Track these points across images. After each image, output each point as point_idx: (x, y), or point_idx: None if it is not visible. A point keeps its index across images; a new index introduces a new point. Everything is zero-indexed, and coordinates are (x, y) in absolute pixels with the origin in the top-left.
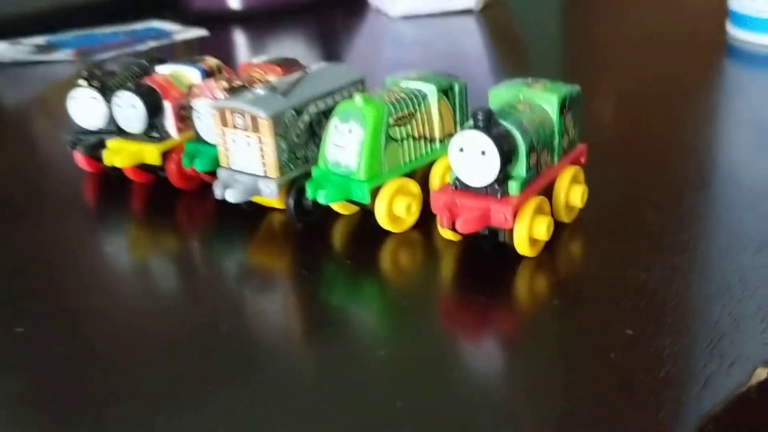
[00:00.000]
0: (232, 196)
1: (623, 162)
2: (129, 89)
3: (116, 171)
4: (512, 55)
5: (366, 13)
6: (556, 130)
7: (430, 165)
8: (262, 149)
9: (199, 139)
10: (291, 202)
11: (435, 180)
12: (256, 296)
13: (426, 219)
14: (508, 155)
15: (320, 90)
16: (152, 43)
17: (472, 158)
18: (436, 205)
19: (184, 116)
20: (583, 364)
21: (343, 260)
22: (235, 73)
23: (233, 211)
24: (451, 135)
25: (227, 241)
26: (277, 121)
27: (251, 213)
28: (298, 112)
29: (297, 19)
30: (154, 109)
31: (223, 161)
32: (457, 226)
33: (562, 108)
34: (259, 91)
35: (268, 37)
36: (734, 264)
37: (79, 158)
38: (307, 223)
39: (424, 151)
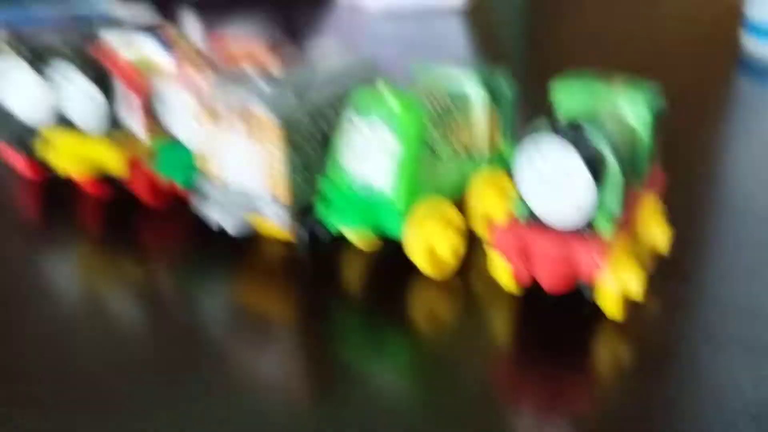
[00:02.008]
0: (227, 224)
1: None
2: (77, 66)
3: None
4: (501, 60)
5: (334, 7)
6: (647, 152)
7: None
8: (269, 161)
9: (169, 138)
10: (305, 234)
11: (476, 209)
12: (247, 348)
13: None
14: (600, 181)
15: (341, 89)
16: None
17: (551, 182)
18: (505, 248)
19: (153, 110)
20: None
21: (360, 306)
22: (205, 50)
23: (214, 235)
24: (498, 152)
25: (207, 274)
26: (293, 128)
27: (233, 238)
28: (315, 117)
29: (255, 9)
30: (110, 97)
31: (207, 170)
32: (543, 283)
33: (654, 123)
34: (262, 84)
35: (225, 27)
36: None
37: (21, 161)
38: (311, 253)
39: (467, 171)
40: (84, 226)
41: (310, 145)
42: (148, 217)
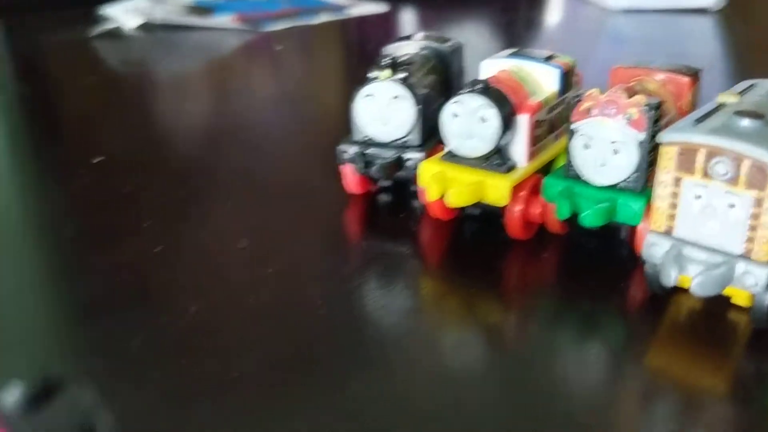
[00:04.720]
0: (700, 287)
1: None
2: (479, 92)
3: (385, 193)
4: (754, 62)
5: (570, 3)
6: None
7: None
8: (755, 216)
9: (572, 175)
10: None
11: None
12: (659, 423)
13: None
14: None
15: None
16: (325, 17)
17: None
18: None
19: (538, 137)
20: None
21: None
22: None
23: (596, 274)
24: None
25: (598, 326)
26: None
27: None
28: None
29: (480, 3)
30: (507, 125)
31: (656, 223)
32: None
33: None
34: (744, 122)
35: (448, 19)
36: None
37: (351, 177)
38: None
39: None
40: (422, 253)
41: None
42: (502, 246)
